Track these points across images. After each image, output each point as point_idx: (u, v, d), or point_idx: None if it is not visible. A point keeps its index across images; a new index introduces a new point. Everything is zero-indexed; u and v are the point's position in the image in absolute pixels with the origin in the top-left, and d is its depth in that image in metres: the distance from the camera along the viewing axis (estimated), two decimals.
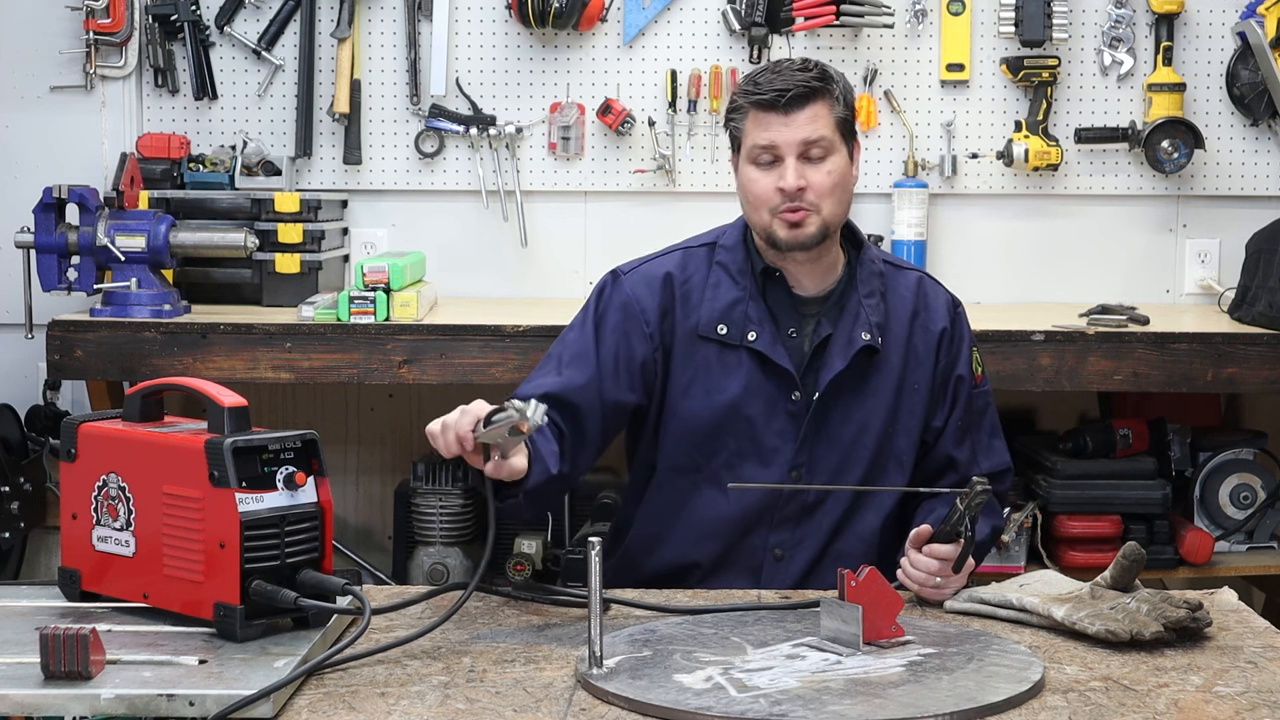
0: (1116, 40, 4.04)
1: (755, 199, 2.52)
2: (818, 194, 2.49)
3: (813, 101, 2.49)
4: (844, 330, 2.54)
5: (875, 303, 2.57)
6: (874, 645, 2.05)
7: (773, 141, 2.48)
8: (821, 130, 2.49)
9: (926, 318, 2.61)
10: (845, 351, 2.53)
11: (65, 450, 2.18)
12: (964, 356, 2.63)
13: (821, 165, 2.49)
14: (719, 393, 2.54)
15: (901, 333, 2.59)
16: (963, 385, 2.62)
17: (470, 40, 4.06)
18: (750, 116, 2.51)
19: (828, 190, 2.49)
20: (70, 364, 3.47)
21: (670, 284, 2.58)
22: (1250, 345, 3.47)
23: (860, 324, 2.54)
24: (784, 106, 2.48)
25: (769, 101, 2.48)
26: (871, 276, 2.60)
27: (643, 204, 4.09)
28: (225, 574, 1.98)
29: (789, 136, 2.48)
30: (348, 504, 4.19)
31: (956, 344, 2.63)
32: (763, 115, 2.50)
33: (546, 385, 2.49)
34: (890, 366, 2.57)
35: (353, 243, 4.10)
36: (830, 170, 2.49)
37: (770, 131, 2.49)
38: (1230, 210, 4.10)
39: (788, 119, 2.48)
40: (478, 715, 1.83)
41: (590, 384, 2.51)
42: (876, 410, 2.56)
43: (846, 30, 4.02)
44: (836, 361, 2.53)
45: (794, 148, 2.48)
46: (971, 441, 2.63)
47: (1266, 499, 3.82)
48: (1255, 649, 2.10)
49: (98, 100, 4.03)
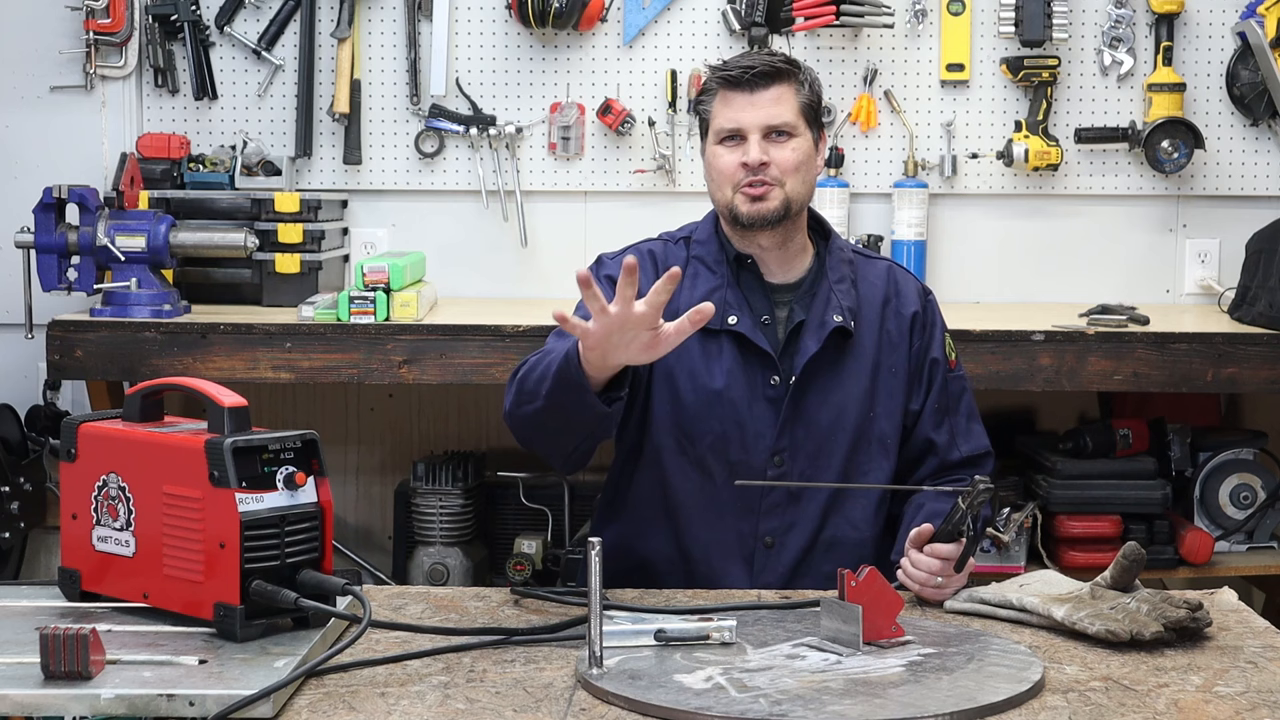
0: (1116, 40, 4.04)
1: (719, 174, 2.58)
2: (781, 169, 2.54)
3: (778, 82, 2.55)
4: (816, 314, 2.58)
5: (846, 288, 2.61)
6: (874, 645, 2.05)
7: (738, 120, 2.55)
8: (786, 114, 2.55)
9: (898, 303, 2.66)
10: (818, 334, 2.57)
11: (65, 450, 2.18)
12: (937, 340, 2.67)
13: (785, 144, 2.55)
14: (703, 379, 2.57)
15: (874, 318, 2.63)
16: (937, 368, 2.66)
17: (470, 40, 4.06)
18: (718, 96, 2.58)
19: (791, 167, 2.54)
20: (70, 364, 3.47)
21: (655, 260, 2.64)
22: (1250, 345, 3.47)
23: (832, 308, 2.58)
24: (749, 84, 2.54)
25: (735, 78, 2.55)
26: (841, 264, 2.65)
27: (643, 204, 4.09)
28: (225, 574, 1.98)
29: (754, 116, 2.54)
30: (348, 504, 4.19)
31: (929, 328, 2.67)
32: (729, 94, 2.56)
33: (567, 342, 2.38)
34: (864, 350, 2.61)
35: (353, 243, 4.10)
36: (794, 148, 2.55)
37: (735, 109, 2.55)
38: (1230, 210, 4.10)
39: (753, 97, 2.55)
40: (478, 715, 1.83)
41: None
42: (853, 393, 2.59)
43: (846, 30, 4.02)
44: (810, 344, 2.56)
45: (758, 127, 2.54)
46: (950, 425, 2.66)
47: (1266, 499, 3.81)
48: (1255, 649, 2.10)
49: (98, 100, 4.03)
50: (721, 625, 2.08)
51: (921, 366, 2.65)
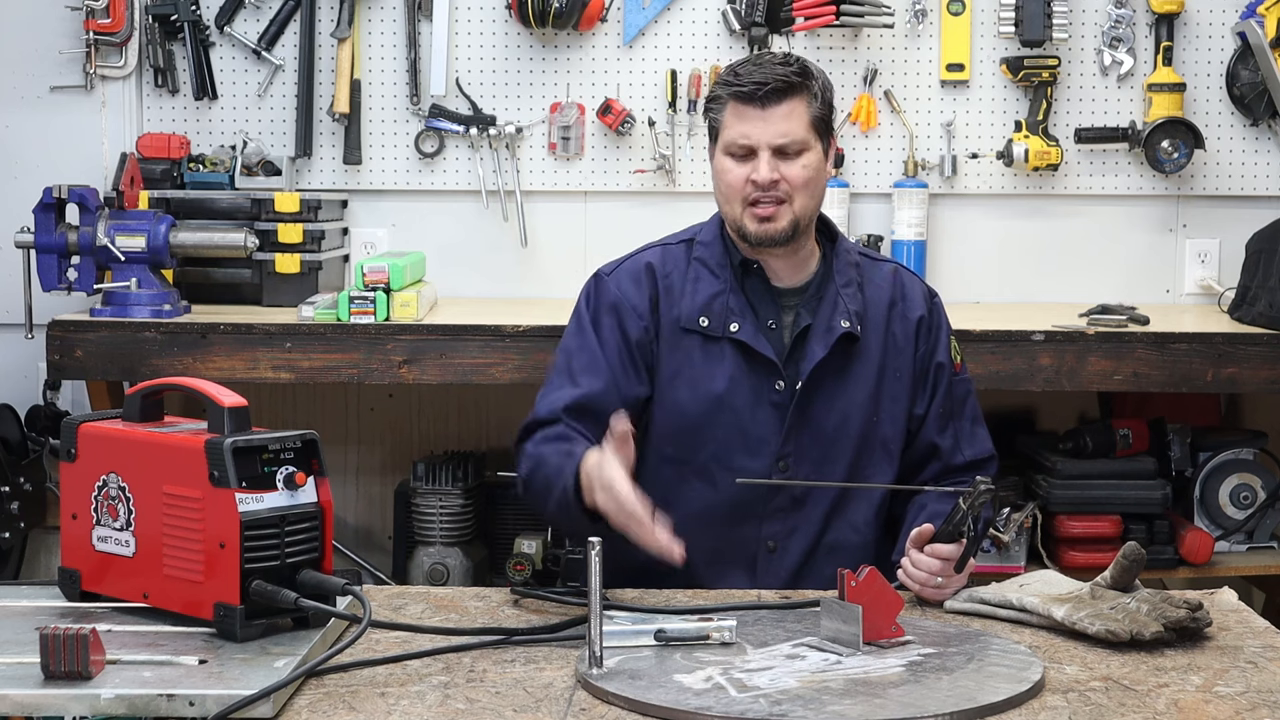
0: (1116, 40, 4.04)
1: (728, 189, 2.56)
2: (791, 186, 2.52)
3: (790, 97, 2.52)
4: (823, 319, 2.57)
5: (853, 292, 2.60)
6: (874, 645, 2.05)
7: (748, 136, 2.52)
8: (797, 130, 2.52)
9: (904, 306, 2.64)
10: (825, 340, 2.55)
11: (65, 450, 2.18)
12: (943, 344, 2.66)
13: (796, 160, 2.52)
14: (705, 385, 2.56)
15: (880, 321, 2.61)
16: (943, 372, 2.64)
17: (470, 40, 4.06)
18: (729, 108, 2.55)
19: (801, 184, 2.52)
20: (70, 364, 3.47)
21: (653, 274, 2.62)
22: (1250, 345, 3.47)
23: (839, 313, 2.56)
24: (761, 100, 2.51)
25: (747, 94, 2.52)
26: (847, 267, 2.63)
27: (643, 204, 4.09)
28: (225, 574, 1.98)
29: (764, 132, 2.51)
30: (348, 504, 4.19)
31: (935, 331, 2.65)
32: (740, 107, 2.53)
33: (566, 397, 2.52)
34: (870, 355, 2.59)
35: (353, 243, 4.10)
36: (805, 165, 2.53)
37: (746, 125, 2.52)
38: (1230, 210, 4.10)
39: (764, 113, 2.51)
40: (478, 715, 1.83)
41: (609, 388, 2.54)
42: (859, 398, 2.58)
43: (846, 30, 4.02)
44: (817, 350, 2.55)
45: (769, 144, 2.51)
46: (954, 429, 2.65)
47: (1266, 499, 3.81)
48: (1255, 649, 2.10)
49: (98, 100, 4.03)
50: (721, 625, 2.08)
51: (926, 370, 2.63)
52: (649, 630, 2.06)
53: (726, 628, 2.07)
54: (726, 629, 2.07)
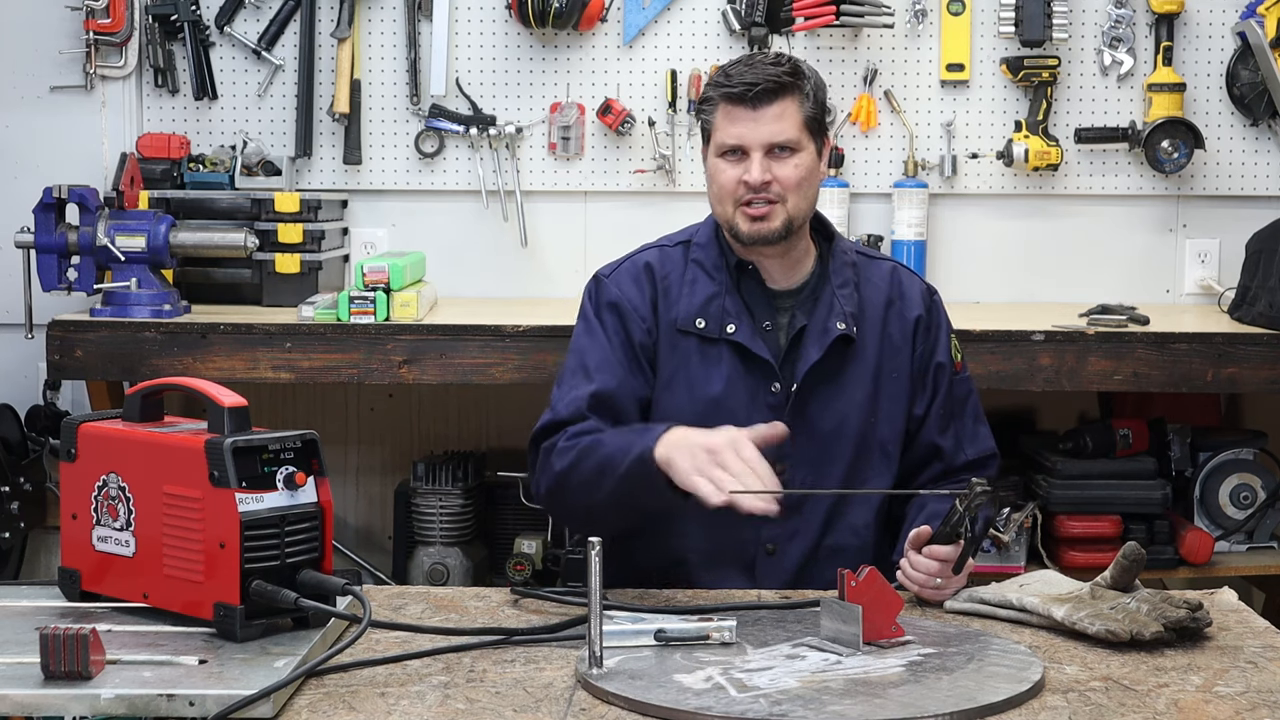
0: (1116, 40, 4.04)
1: (721, 190, 2.56)
2: (784, 186, 2.52)
3: (781, 97, 2.52)
4: (818, 321, 2.56)
5: (849, 293, 2.59)
6: (874, 645, 2.05)
7: (740, 137, 2.52)
8: (789, 130, 2.52)
9: (902, 305, 2.63)
10: (820, 341, 2.55)
11: (65, 450, 2.18)
12: (942, 343, 2.65)
13: (788, 160, 2.52)
14: (702, 387, 2.56)
15: (877, 321, 2.61)
16: (943, 373, 2.63)
17: (470, 40, 4.06)
18: (720, 109, 2.54)
19: (793, 185, 2.52)
20: (70, 364, 3.47)
21: (652, 275, 2.62)
22: (1250, 345, 3.47)
23: (835, 314, 2.56)
24: (752, 100, 2.51)
25: (738, 95, 2.52)
26: (844, 267, 2.62)
27: (643, 204, 4.09)
28: (225, 574, 1.98)
29: (756, 133, 2.51)
30: (348, 504, 4.19)
31: (934, 331, 2.64)
32: (732, 109, 2.53)
33: (586, 392, 2.51)
34: (867, 355, 2.59)
35: (353, 243, 4.10)
36: (797, 165, 2.53)
37: (738, 126, 2.52)
38: (1230, 210, 4.10)
39: (756, 114, 2.51)
40: (478, 715, 1.83)
41: (623, 385, 2.55)
42: (855, 399, 2.57)
43: (846, 30, 4.02)
44: (812, 352, 2.54)
45: (761, 145, 2.51)
46: (955, 429, 2.64)
47: (1266, 499, 3.82)
48: (1255, 649, 2.10)
49: (98, 100, 4.03)
50: (721, 625, 2.08)
51: (925, 371, 2.62)
52: (649, 630, 2.06)
53: (726, 628, 2.07)
54: (726, 629, 2.07)
